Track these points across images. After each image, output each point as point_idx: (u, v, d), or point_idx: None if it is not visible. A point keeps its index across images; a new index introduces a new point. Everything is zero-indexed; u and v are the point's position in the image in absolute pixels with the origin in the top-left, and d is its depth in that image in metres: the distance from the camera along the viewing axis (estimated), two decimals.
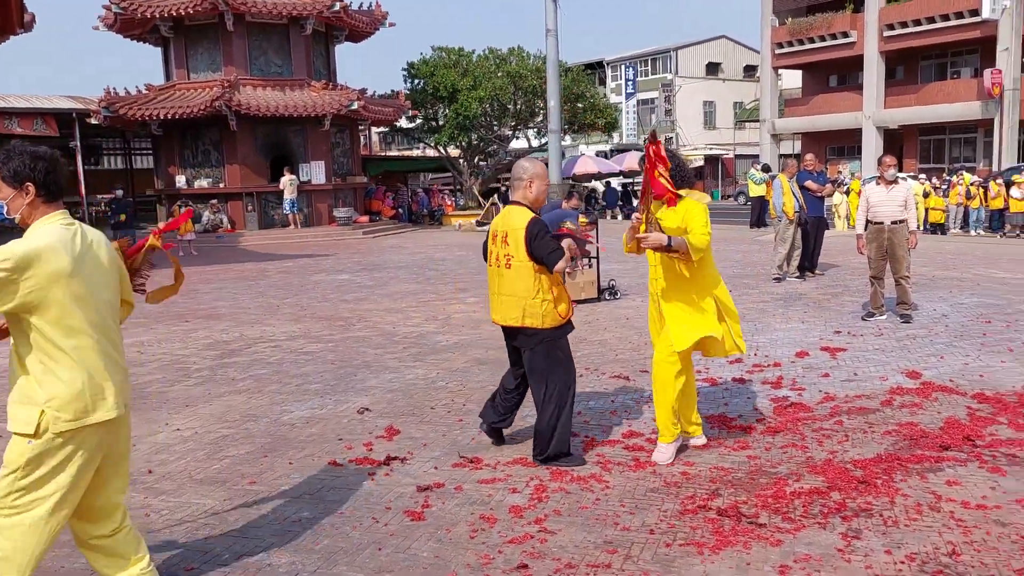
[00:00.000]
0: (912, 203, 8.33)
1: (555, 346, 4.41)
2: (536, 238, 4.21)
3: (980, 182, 19.09)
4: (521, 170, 4.41)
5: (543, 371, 4.40)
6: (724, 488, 4.10)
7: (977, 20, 30.22)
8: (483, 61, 28.80)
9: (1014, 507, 3.74)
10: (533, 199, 4.39)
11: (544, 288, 4.28)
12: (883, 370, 6.36)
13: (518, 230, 4.25)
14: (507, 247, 4.30)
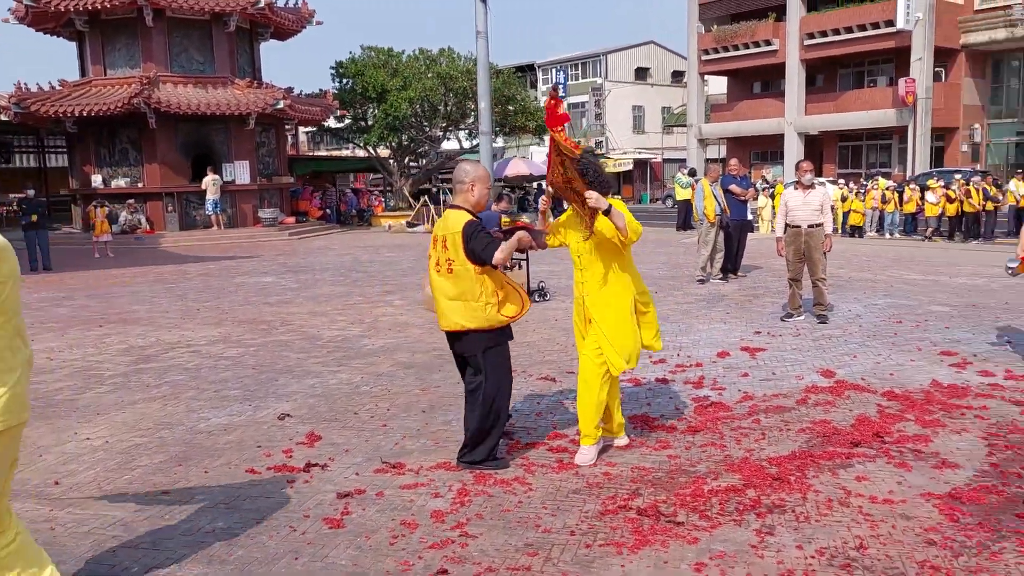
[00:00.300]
0: (828, 207, 8.59)
1: (495, 352, 4.39)
2: (472, 237, 4.19)
3: (895, 187, 19.88)
4: (463, 173, 4.40)
5: (485, 375, 4.38)
6: (644, 488, 4.14)
7: (892, 31, 31.49)
8: (413, 61, 28.64)
9: (918, 501, 3.88)
10: (475, 202, 4.38)
11: (488, 291, 4.26)
12: (799, 369, 6.54)
13: (456, 233, 4.23)
14: (447, 251, 4.28)
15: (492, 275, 4.30)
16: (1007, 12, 31.48)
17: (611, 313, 4.46)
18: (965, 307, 9.13)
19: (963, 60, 33.30)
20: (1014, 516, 3.67)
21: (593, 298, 4.50)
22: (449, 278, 4.31)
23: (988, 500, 3.84)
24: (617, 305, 4.48)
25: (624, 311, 4.49)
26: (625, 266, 4.53)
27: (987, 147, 34.46)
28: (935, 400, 5.52)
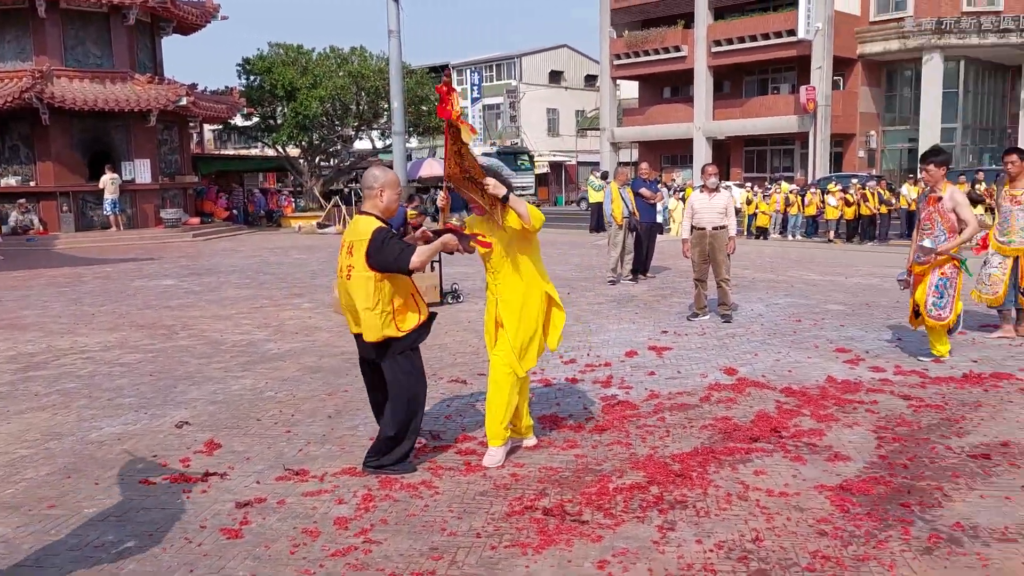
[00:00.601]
0: (732, 210, 8.84)
1: (404, 357, 4.32)
2: (381, 244, 4.09)
3: (798, 190, 20.67)
4: (372, 179, 4.30)
5: (395, 382, 4.32)
6: (551, 488, 4.16)
7: (794, 40, 32.74)
8: (323, 60, 28.15)
9: (812, 493, 4.02)
10: (384, 208, 4.29)
11: (384, 300, 4.18)
12: (704, 367, 6.70)
13: (363, 240, 4.13)
14: (351, 257, 4.19)
15: (394, 283, 4.22)
16: (900, 24, 33.19)
17: (518, 314, 4.47)
18: (859, 306, 9.54)
19: (860, 69, 34.94)
20: (899, 505, 3.84)
21: (504, 299, 4.50)
22: (348, 284, 4.24)
23: (876, 491, 4.01)
24: (527, 307, 4.49)
25: (531, 313, 4.50)
26: (535, 266, 4.54)
27: (882, 153, 36.25)
28: (829, 395, 5.74)
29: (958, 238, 6.50)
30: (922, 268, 6.60)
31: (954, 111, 33.78)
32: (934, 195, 6.60)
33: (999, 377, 6.09)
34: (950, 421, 5.10)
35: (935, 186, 6.61)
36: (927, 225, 6.61)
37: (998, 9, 32.70)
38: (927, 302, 6.53)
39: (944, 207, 6.49)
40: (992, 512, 3.75)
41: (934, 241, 6.53)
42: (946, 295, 6.52)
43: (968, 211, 6.48)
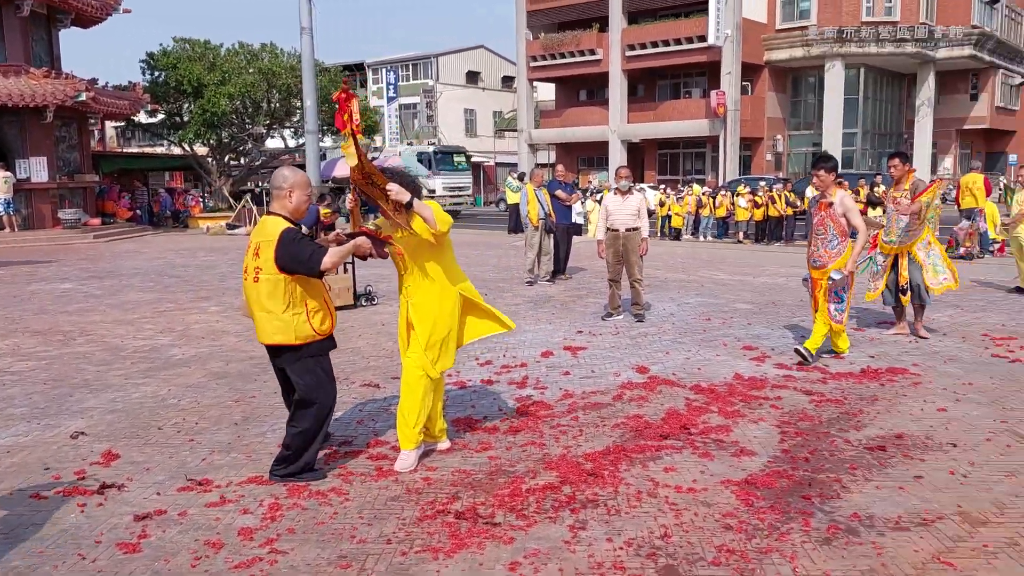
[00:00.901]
0: (645, 212, 8.98)
1: (314, 363, 4.21)
2: (290, 245, 3.99)
3: (709, 192, 21.20)
4: (281, 179, 4.19)
5: (301, 388, 4.20)
6: (464, 491, 4.13)
7: (704, 46, 33.65)
8: (232, 56, 27.35)
9: (718, 488, 4.11)
10: (293, 209, 4.18)
11: (296, 301, 4.08)
12: (617, 366, 6.79)
13: (270, 241, 4.01)
14: (258, 259, 4.06)
15: (305, 285, 4.12)
16: (803, 32, 34.51)
17: (430, 317, 4.42)
18: (766, 304, 9.84)
19: (767, 76, 36.17)
20: (800, 498, 3.96)
21: (416, 302, 4.45)
22: (256, 287, 4.10)
23: (779, 484, 4.13)
24: (439, 309, 4.44)
25: (444, 315, 4.46)
26: (448, 268, 4.50)
27: (788, 156, 37.60)
28: (737, 392, 5.89)
29: (855, 249, 6.71)
30: (819, 272, 6.80)
31: (855, 117, 35.35)
32: (825, 200, 6.76)
33: (894, 372, 6.37)
34: (849, 415, 5.30)
35: (826, 191, 6.79)
36: (820, 230, 6.79)
37: (895, 19, 34.39)
38: (829, 307, 6.73)
39: (835, 212, 6.68)
40: (887, 502, 3.90)
41: (827, 250, 6.71)
42: (844, 299, 6.75)
43: (858, 217, 6.69)
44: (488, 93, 51.70)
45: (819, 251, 6.77)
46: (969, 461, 4.43)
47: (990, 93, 40.07)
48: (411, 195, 4.22)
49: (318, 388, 4.23)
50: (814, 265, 6.83)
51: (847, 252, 6.69)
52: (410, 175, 4.57)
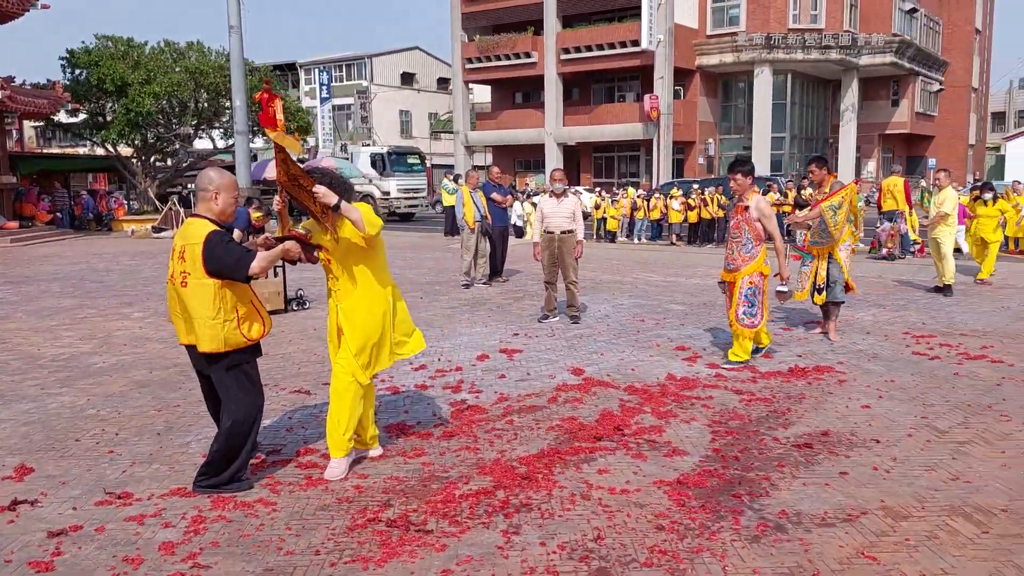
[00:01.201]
0: (579, 215, 9.02)
1: (240, 371, 4.10)
2: (217, 248, 3.88)
3: (643, 195, 21.47)
4: (207, 181, 4.07)
5: (228, 397, 4.08)
6: (396, 498, 4.06)
7: (637, 50, 34.05)
8: (158, 54, 26.52)
9: (651, 489, 4.13)
10: (219, 212, 4.06)
11: (227, 307, 3.95)
12: (552, 368, 6.79)
13: (195, 244, 3.89)
14: (183, 263, 3.94)
15: (234, 290, 3.99)
16: (733, 38, 35.28)
17: (360, 322, 4.33)
18: (698, 305, 9.99)
19: (698, 80, 36.85)
20: (731, 497, 4.01)
21: (345, 307, 4.36)
22: (183, 292, 3.96)
23: (710, 483, 4.17)
24: (368, 314, 4.36)
25: (375, 320, 4.38)
26: (378, 272, 4.42)
27: (720, 160, 38.37)
28: (669, 392, 5.95)
29: (780, 256, 6.83)
30: (731, 276, 6.82)
31: (783, 121, 36.29)
32: (741, 204, 6.77)
33: (821, 370, 6.53)
34: (777, 413, 5.40)
35: (743, 195, 6.79)
36: (736, 234, 6.80)
37: (820, 27, 35.44)
38: (738, 311, 6.73)
39: (751, 216, 6.69)
40: (813, 499, 3.98)
41: (741, 253, 6.72)
42: (756, 303, 6.72)
43: (773, 223, 6.68)
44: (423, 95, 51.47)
45: (734, 254, 6.79)
46: (892, 457, 4.55)
47: (910, 99, 41.61)
48: (338, 197, 4.13)
49: (245, 396, 4.11)
50: (728, 268, 6.85)
51: (760, 256, 6.70)
52: (341, 176, 4.47)
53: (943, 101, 45.70)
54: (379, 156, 30.15)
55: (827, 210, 7.46)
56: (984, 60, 51.70)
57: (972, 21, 46.92)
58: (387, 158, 30.03)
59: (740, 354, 6.79)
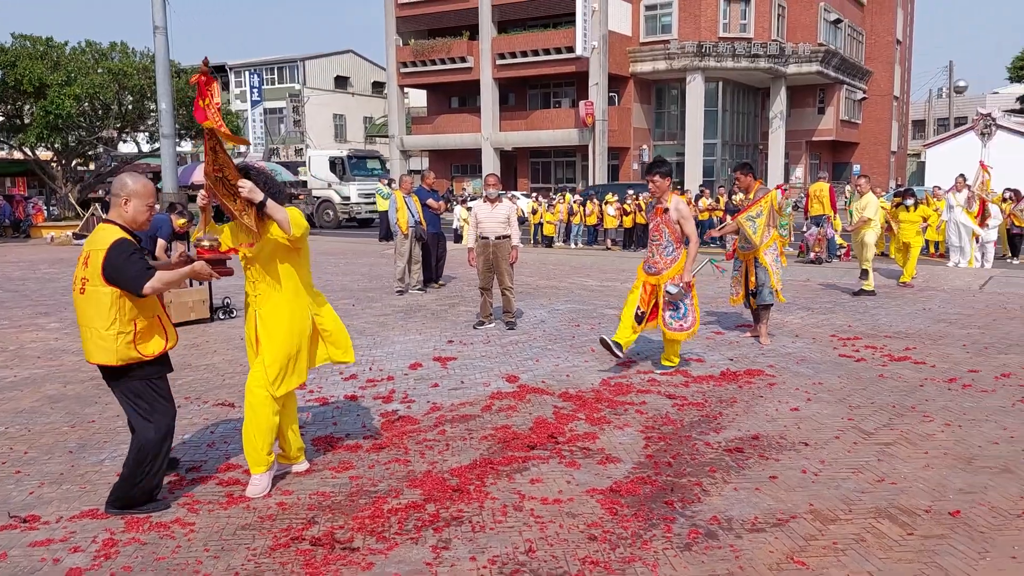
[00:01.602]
0: (515, 220, 8.96)
1: (144, 386, 3.90)
2: (117, 258, 3.71)
3: (580, 200, 21.58)
4: (119, 186, 3.93)
5: (133, 415, 3.90)
6: (322, 515, 3.92)
7: (572, 56, 34.37)
8: (79, 55, 25.55)
9: (584, 498, 4.08)
10: (130, 219, 3.91)
11: (123, 320, 3.77)
12: (487, 376, 6.70)
13: (100, 251, 3.74)
14: (86, 269, 3.78)
15: (135, 301, 3.80)
16: (666, 46, 35.87)
17: (278, 332, 4.17)
18: None
19: (632, 87, 37.35)
20: (663, 504, 3.99)
21: (264, 313, 4.20)
22: (80, 300, 3.79)
23: (643, 491, 4.15)
24: (288, 324, 4.20)
25: (294, 330, 4.22)
26: (301, 279, 4.28)
27: None
28: (603, 398, 5.93)
29: (687, 259, 6.55)
30: (654, 279, 6.68)
31: (715, 128, 37.04)
32: (660, 206, 6.69)
33: (752, 374, 6.60)
34: (709, 418, 5.42)
35: (661, 197, 6.65)
36: (656, 236, 6.73)
37: (749, 36, 36.30)
38: (664, 315, 6.62)
39: (670, 218, 6.61)
40: (744, 504, 3.99)
41: (662, 256, 6.63)
42: (683, 306, 6.64)
43: (691, 225, 6.62)
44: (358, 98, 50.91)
45: (654, 257, 6.68)
46: (820, 459, 4.60)
47: (836, 107, 42.94)
48: (264, 194, 3.97)
49: (149, 413, 3.90)
50: (649, 272, 6.70)
51: (681, 260, 6.61)
52: (271, 175, 4.31)
53: (867, 109, 47.30)
54: (339, 160, 29.06)
55: (744, 221, 7.56)
56: (905, 70, 53.73)
57: (893, 32, 48.71)
58: (347, 162, 28.96)
59: (673, 359, 6.81)
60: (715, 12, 35.97)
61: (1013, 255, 15.57)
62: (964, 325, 8.65)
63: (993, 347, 7.54)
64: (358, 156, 30.44)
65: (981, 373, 6.54)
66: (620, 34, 36.01)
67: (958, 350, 7.42)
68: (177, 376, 6.76)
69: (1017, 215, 15.52)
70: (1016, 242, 15.67)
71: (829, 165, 45.08)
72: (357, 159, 29.98)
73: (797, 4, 39.30)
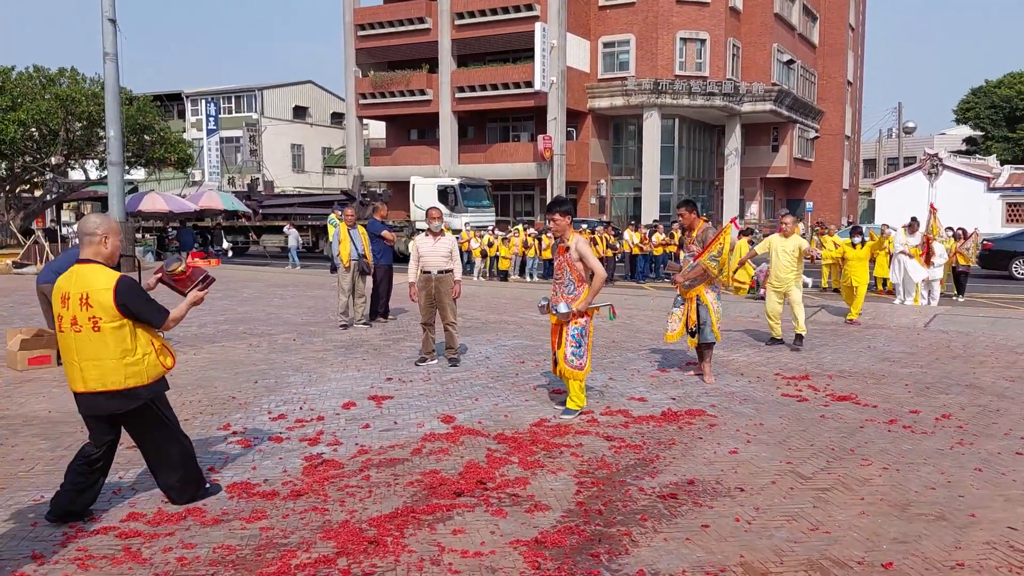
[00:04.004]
0: (457, 254, 8.80)
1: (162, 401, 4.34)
2: (133, 297, 4.08)
3: (535, 234, 21.53)
4: (93, 226, 4.20)
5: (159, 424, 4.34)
6: (224, 571, 3.65)
7: (531, 91, 34.60)
8: (25, 80, 25.02)
9: (507, 550, 3.87)
10: (109, 255, 4.22)
11: (143, 342, 4.16)
12: (422, 416, 6.47)
13: (103, 291, 4.02)
14: (91, 309, 4.02)
15: (143, 326, 4.20)
16: (623, 83, 36.31)
17: None
18: None
19: (590, 122, 37.67)
20: (589, 556, 3.79)
21: None
22: (95, 337, 4.05)
23: (569, 542, 3.95)
24: None
25: None
26: None
27: (611, 200, 39.18)
28: (540, 440, 5.73)
29: (587, 293, 6.37)
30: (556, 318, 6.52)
31: (671, 163, 37.44)
32: (563, 245, 6.49)
33: (693, 414, 6.47)
34: (646, 461, 5.26)
35: (563, 236, 6.46)
36: (559, 275, 6.57)
37: (704, 74, 36.92)
38: (566, 351, 6.43)
39: (571, 257, 6.44)
40: (673, 556, 3.81)
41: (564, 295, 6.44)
42: (583, 344, 6.46)
43: (593, 261, 6.44)
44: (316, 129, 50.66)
45: (557, 296, 6.50)
46: (754, 506, 4.45)
47: (789, 145, 43.77)
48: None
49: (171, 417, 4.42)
50: (554, 312, 6.50)
51: (583, 297, 6.41)
52: None
53: (819, 148, 48.33)
54: (450, 189, 26.66)
55: (708, 262, 7.47)
56: (856, 110, 55.15)
57: (844, 74, 50.03)
58: (459, 191, 26.55)
59: (577, 401, 6.50)
60: (671, 51, 36.56)
61: (959, 293, 15.80)
62: (907, 364, 8.65)
63: (934, 387, 7.52)
64: (471, 185, 28.11)
65: (921, 414, 6.49)
66: (578, 70, 36.39)
67: (900, 390, 7.39)
68: None
69: (963, 253, 15.79)
70: (962, 280, 15.92)
71: (783, 202, 45.83)
72: (470, 188, 27.72)
73: (751, 45, 40.15)
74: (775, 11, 40.33)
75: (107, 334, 4.04)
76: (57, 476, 4.94)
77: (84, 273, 4.09)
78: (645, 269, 20.71)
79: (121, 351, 4.07)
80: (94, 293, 4.00)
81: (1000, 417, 6.41)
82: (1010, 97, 50.51)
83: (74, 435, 5.88)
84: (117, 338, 4.05)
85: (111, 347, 4.04)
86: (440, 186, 27.44)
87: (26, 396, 7.19)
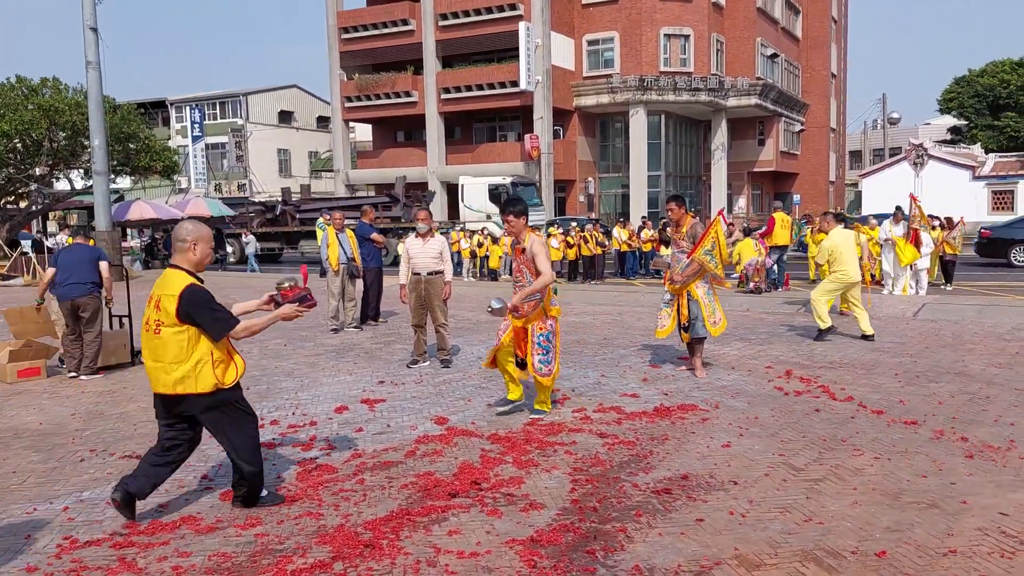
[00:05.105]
0: (447, 255, 8.79)
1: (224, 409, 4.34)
2: (195, 306, 4.13)
3: None
4: (184, 232, 4.34)
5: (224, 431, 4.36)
6: None
7: (517, 90, 34.64)
8: (7, 90, 24.85)
9: (503, 550, 3.87)
10: (196, 262, 4.35)
11: (202, 351, 4.19)
12: (415, 419, 6.47)
13: (171, 296, 4.14)
14: (158, 312, 4.18)
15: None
16: (609, 80, 36.37)
17: None
18: (571, 344, 9.89)
19: (577, 121, 37.73)
20: (584, 553, 3.80)
21: None
22: (156, 340, 4.18)
23: (564, 540, 3.96)
24: None
25: None
26: None
27: (600, 198, 39.25)
28: (533, 439, 5.74)
29: (528, 288, 6.23)
30: (519, 322, 6.38)
31: (658, 160, 37.54)
32: (519, 246, 6.35)
33: (685, 409, 6.49)
34: (639, 457, 5.27)
35: (519, 236, 6.34)
36: (518, 277, 6.45)
37: (689, 70, 37.03)
38: (534, 359, 6.30)
39: (527, 258, 6.30)
40: (668, 550, 3.82)
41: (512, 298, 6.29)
42: (551, 349, 6.37)
43: (544, 261, 6.17)
44: (303, 133, 50.54)
45: (495, 307, 6.37)
46: (748, 499, 4.47)
47: (775, 139, 43.97)
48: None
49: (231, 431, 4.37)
50: (515, 315, 6.39)
51: (546, 298, 6.30)
52: None
53: (805, 140, 48.55)
54: (502, 188, 25.52)
55: (703, 256, 7.48)
56: (840, 103, 55.40)
57: (828, 66, 50.25)
58: (512, 190, 25.23)
59: (546, 403, 6.49)
60: (656, 47, 36.65)
61: (947, 282, 15.90)
62: (896, 353, 8.70)
63: (924, 376, 7.57)
64: (523, 183, 27.04)
65: (912, 403, 6.53)
66: (563, 68, 36.44)
67: (890, 379, 7.43)
68: (86, 427, 6.43)
69: (949, 242, 15.88)
70: (949, 269, 16.01)
71: (771, 195, 46.02)
72: (523, 186, 26.64)
73: (735, 40, 40.29)
74: (758, 5, 40.49)
75: (166, 338, 4.15)
76: (49, 488, 4.93)
77: (166, 277, 4.27)
78: (635, 265, 20.75)
79: (175, 357, 4.15)
80: (166, 298, 4.15)
81: (990, 404, 6.46)
82: (993, 86, 50.87)
83: (66, 447, 5.86)
84: (174, 343, 4.14)
85: (168, 351, 4.15)
86: (491, 185, 26.64)
87: (16, 408, 7.16)
